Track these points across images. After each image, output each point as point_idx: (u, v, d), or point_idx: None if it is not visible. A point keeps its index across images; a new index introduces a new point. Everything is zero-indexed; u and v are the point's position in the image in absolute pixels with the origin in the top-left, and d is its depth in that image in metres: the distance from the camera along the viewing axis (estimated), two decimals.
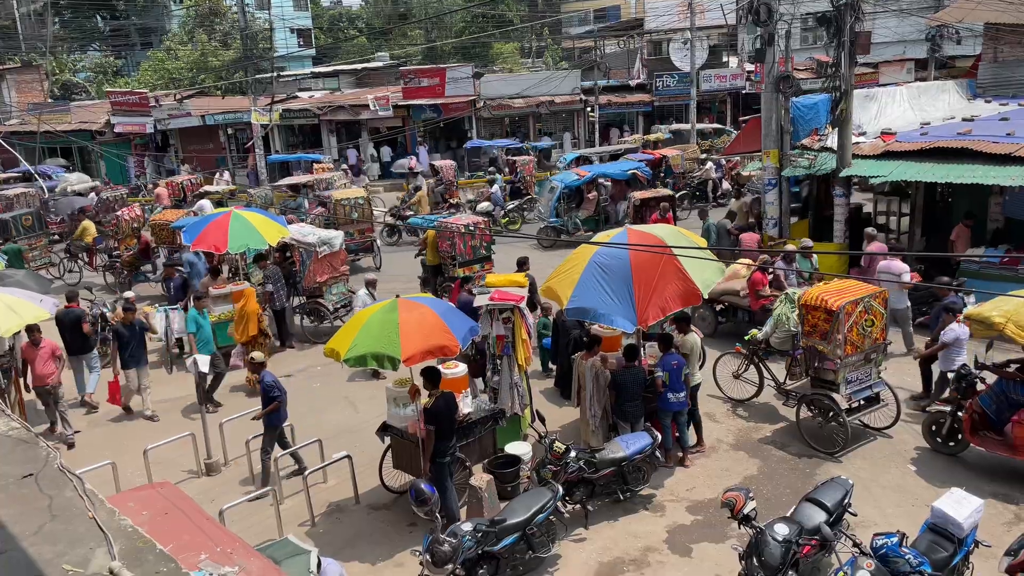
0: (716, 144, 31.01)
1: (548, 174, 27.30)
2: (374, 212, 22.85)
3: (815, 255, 13.90)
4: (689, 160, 26.00)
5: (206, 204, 21.95)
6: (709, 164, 25.54)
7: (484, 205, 23.76)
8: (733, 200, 17.95)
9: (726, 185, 24.56)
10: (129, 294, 14.28)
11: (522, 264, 13.17)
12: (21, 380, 11.91)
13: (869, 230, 14.60)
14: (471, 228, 15.41)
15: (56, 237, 23.10)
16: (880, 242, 14.72)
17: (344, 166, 32.10)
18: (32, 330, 11.18)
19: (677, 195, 21.29)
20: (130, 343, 12.07)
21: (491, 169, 30.09)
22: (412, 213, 22.82)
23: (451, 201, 24.84)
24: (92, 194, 25.64)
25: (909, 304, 12.31)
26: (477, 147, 32.79)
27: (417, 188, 24.28)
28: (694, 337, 10.07)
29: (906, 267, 12.66)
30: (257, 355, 10.49)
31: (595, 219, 21.90)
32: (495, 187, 24.57)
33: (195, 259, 15.59)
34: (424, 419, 8.29)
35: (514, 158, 27.35)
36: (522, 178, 25.92)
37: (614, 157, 27.35)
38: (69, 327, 12.47)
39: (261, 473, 9.65)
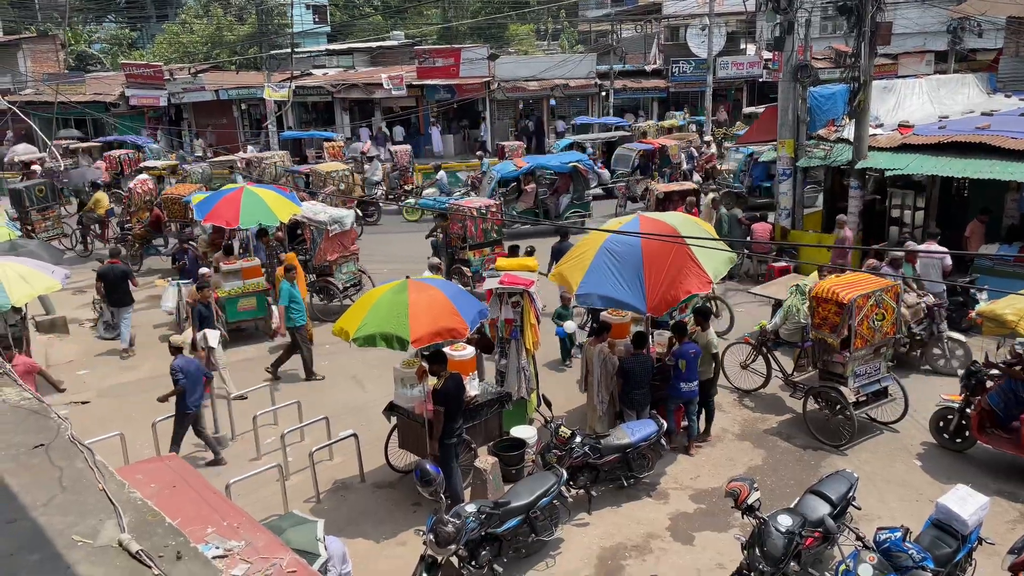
0: (731, 132, 30.70)
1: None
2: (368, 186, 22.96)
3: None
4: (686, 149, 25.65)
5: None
6: (681, 155, 24.88)
7: (429, 191, 23.29)
8: (705, 195, 17.53)
9: (696, 178, 23.67)
10: (204, 270, 13.92)
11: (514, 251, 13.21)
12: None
13: (840, 216, 14.82)
14: (483, 211, 15.40)
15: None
16: (851, 228, 14.75)
17: (368, 141, 31.92)
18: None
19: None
20: (208, 322, 11.94)
21: (479, 153, 30.00)
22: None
23: (405, 188, 24.77)
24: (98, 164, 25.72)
25: (944, 288, 12.27)
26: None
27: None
28: (712, 332, 10.02)
29: (945, 250, 12.64)
30: (175, 339, 10.20)
31: (534, 212, 20.97)
32: (440, 173, 24.16)
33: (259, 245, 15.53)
34: (433, 400, 8.32)
35: (503, 143, 27.07)
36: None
37: (609, 144, 27.12)
38: (113, 281, 13.63)
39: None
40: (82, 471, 3.01)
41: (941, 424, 9.65)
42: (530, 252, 13.27)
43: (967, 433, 9.34)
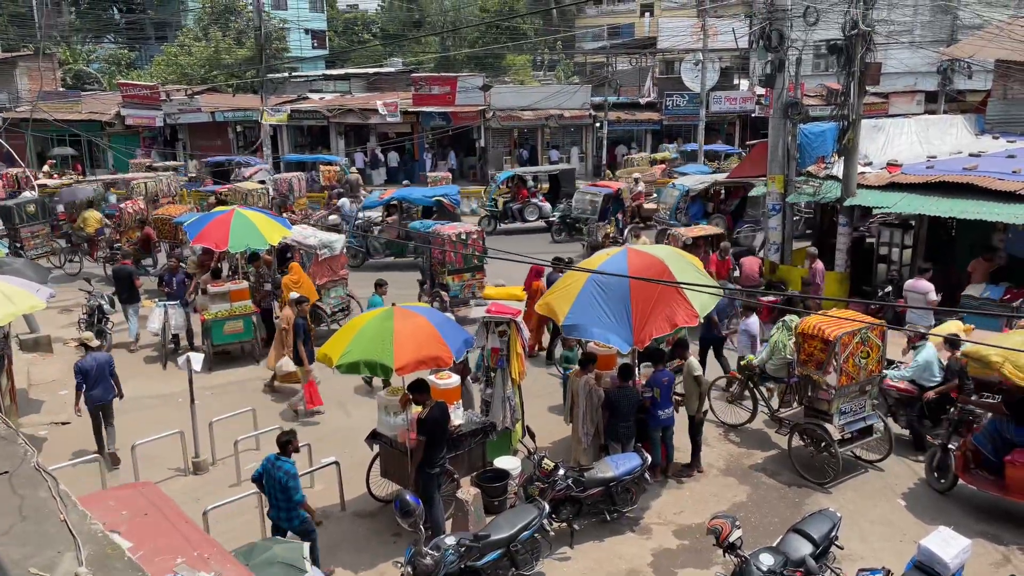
0: (724, 167, 30.89)
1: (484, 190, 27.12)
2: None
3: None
4: (648, 184, 25.25)
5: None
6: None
7: (333, 218, 23.14)
8: (632, 238, 17.05)
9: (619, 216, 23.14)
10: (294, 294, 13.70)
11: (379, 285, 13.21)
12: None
13: (811, 249, 15.18)
14: (463, 237, 15.42)
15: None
16: (820, 261, 14.89)
17: (352, 169, 32.08)
18: None
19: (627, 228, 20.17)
20: (306, 334, 12.00)
21: (405, 181, 30.23)
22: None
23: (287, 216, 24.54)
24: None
25: (933, 323, 12.34)
26: None
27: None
28: (694, 362, 10.03)
29: (931, 286, 12.82)
30: (86, 336, 11.05)
31: (398, 244, 20.23)
32: (343, 200, 24.23)
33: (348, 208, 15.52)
34: (417, 428, 8.24)
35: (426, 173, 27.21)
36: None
37: (553, 178, 26.88)
38: (123, 280, 15.04)
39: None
40: (44, 500, 2.95)
41: (934, 463, 9.62)
42: (379, 284, 13.24)
43: (948, 472, 9.32)
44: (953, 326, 10.99)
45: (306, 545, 6.13)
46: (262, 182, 25.85)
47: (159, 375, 13.70)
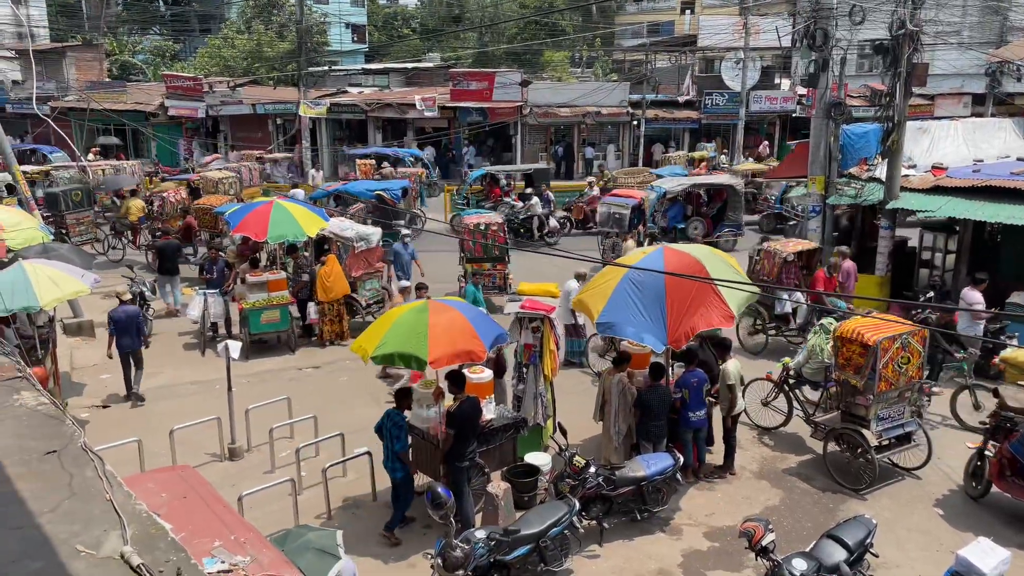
0: (768, 163, 30.35)
1: (452, 190, 26.79)
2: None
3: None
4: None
5: None
6: (535, 199, 23.34)
7: (131, 201, 22.15)
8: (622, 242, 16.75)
9: (553, 222, 22.79)
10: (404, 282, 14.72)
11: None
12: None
13: (841, 248, 15.05)
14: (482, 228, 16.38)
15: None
16: (851, 261, 14.63)
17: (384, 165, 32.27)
18: None
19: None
20: None
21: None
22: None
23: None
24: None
25: (981, 333, 12.10)
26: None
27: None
28: (729, 368, 9.90)
29: (980, 296, 12.41)
30: (120, 290, 12.92)
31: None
32: (295, 191, 24.34)
33: (401, 249, 15.83)
34: (446, 422, 8.29)
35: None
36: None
37: (528, 176, 25.98)
38: (168, 254, 16.53)
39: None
40: (91, 480, 3.02)
41: (971, 468, 9.46)
42: (474, 273, 13.72)
43: (983, 479, 9.16)
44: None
45: (339, 532, 6.20)
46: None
47: (198, 362, 13.93)
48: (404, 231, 16.48)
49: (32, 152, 30.98)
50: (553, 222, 22.98)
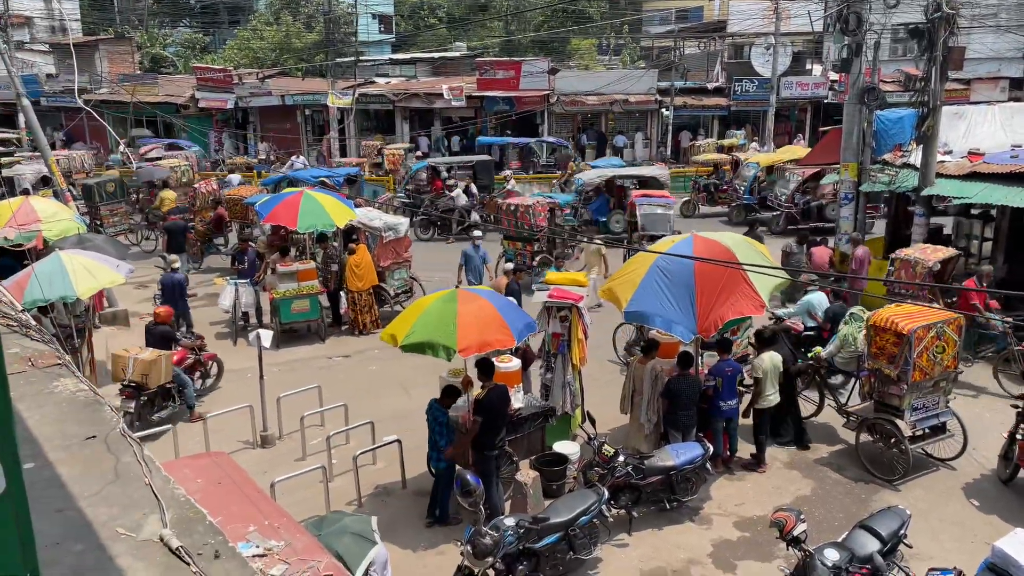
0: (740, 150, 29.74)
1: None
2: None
3: None
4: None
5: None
6: (457, 191, 23.19)
7: (164, 192, 22.15)
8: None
9: (475, 216, 22.29)
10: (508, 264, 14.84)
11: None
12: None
13: (855, 235, 14.91)
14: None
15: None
16: (864, 247, 14.57)
17: (417, 152, 32.45)
18: None
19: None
20: (517, 298, 12.35)
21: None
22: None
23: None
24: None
25: None
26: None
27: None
28: (760, 361, 9.78)
29: None
30: (172, 258, 14.99)
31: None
32: (232, 176, 24.65)
33: (473, 252, 15.44)
34: (473, 410, 8.33)
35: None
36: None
37: (472, 169, 25.37)
38: (177, 233, 18.24)
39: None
40: (130, 464, 3.08)
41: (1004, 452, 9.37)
42: (557, 257, 13.73)
43: (1012, 462, 9.08)
44: None
45: (374, 518, 6.28)
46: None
47: (230, 351, 14.09)
48: (476, 232, 16.07)
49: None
50: (475, 216, 22.41)
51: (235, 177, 24.86)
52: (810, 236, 16.74)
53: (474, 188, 23.70)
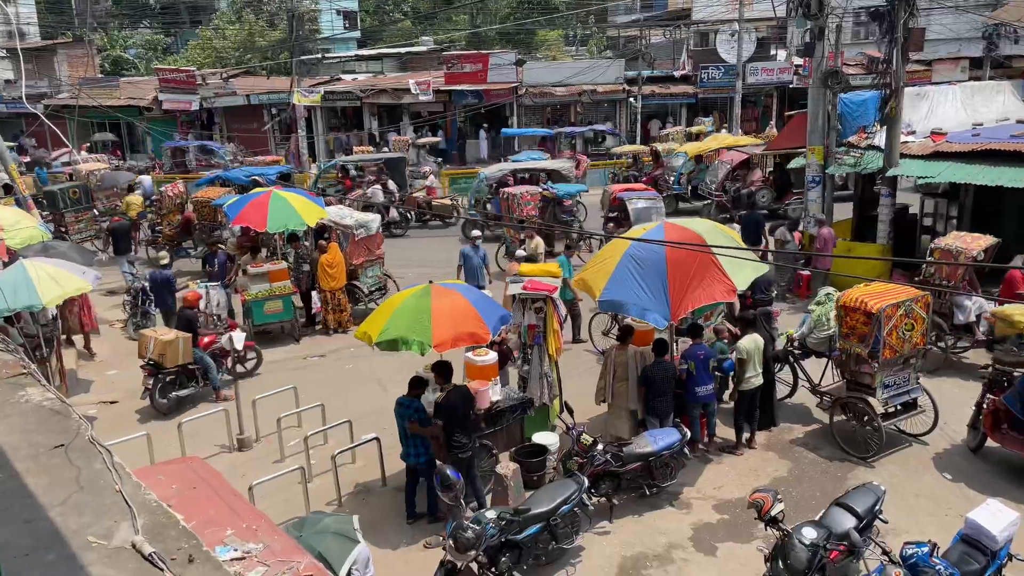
0: (765, 138, 30.22)
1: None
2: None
3: None
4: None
5: None
6: (374, 188, 23.02)
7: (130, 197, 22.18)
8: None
9: (394, 213, 22.28)
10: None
11: None
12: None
13: (819, 216, 15.14)
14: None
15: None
16: (828, 228, 14.87)
17: (385, 149, 32.26)
18: None
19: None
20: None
21: (439, 160, 30.04)
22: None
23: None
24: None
25: None
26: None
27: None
28: (742, 344, 9.85)
29: None
30: (161, 255, 15.14)
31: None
32: (143, 177, 24.26)
33: (471, 252, 14.75)
34: (434, 413, 8.30)
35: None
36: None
37: (384, 165, 24.83)
38: (122, 234, 17.77)
39: None
40: (100, 472, 3.04)
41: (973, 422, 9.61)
42: (567, 247, 13.83)
43: (979, 432, 9.36)
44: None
45: (356, 517, 6.26)
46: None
47: None
48: (474, 232, 15.43)
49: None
50: (394, 213, 22.39)
51: (146, 179, 24.32)
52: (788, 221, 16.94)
53: (392, 185, 23.73)
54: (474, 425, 8.71)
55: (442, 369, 8.56)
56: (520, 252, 14.39)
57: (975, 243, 11.80)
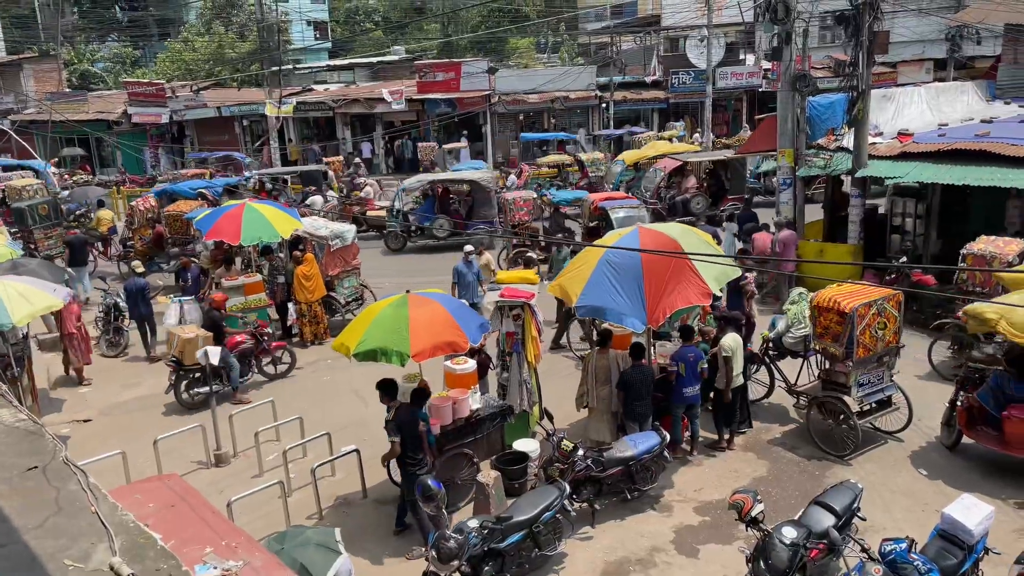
0: (733, 144, 30.56)
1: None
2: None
3: None
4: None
5: None
6: (314, 197, 23.34)
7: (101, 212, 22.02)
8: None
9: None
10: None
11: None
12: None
13: (779, 218, 15.39)
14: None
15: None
16: (789, 230, 15.12)
17: (357, 159, 32.20)
18: None
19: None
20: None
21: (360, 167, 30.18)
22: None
23: None
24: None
25: None
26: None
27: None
28: (727, 341, 9.95)
29: None
30: (135, 264, 15.27)
31: None
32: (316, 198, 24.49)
33: (465, 269, 14.21)
34: (387, 431, 8.20)
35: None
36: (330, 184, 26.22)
37: (309, 179, 25.21)
38: (77, 247, 17.85)
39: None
40: (75, 493, 2.99)
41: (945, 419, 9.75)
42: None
43: (954, 429, 9.49)
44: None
45: (337, 530, 6.23)
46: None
47: None
48: (467, 248, 14.50)
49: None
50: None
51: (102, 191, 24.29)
52: (758, 223, 17.07)
53: (332, 194, 24.12)
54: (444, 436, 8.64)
55: (386, 387, 8.47)
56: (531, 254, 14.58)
57: (1008, 247, 11.67)
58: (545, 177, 27.22)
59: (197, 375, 11.89)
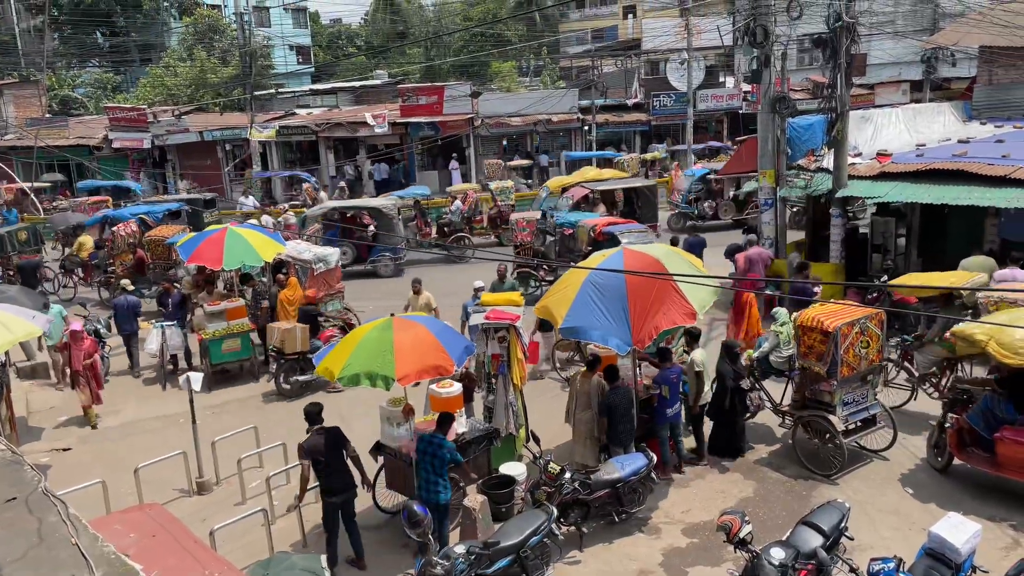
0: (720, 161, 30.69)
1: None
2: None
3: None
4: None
5: None
6: (266, 217, 24.09)
7: (82, 238, 21.82)
8: None
9: None
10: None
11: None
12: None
13: (751, 236, 15.56)
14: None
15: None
16: (759, 246, 15.19)
17: (341, 183, 32.20)
18: None
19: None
20: None
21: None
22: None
23: None
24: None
25: None
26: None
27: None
28: (697, 356, 10.04)
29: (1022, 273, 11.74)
30: (124, 282, 15.42)
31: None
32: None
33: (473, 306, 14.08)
34: (299, 454, 8.15)
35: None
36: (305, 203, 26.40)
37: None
38: (29, 272, 18.07)
39: None
40: (56, 524, 2.93)
41: (933, 441, 9.71)
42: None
43: (945, 451, 9.45)
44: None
45: (323, 556, 6.16)
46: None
47: (159, 397, 13.65)
48: (477, 283, 13.57)
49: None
50: None
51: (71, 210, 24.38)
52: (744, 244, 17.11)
53: (270, 220, 24.16)
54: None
55: (307, 414, 8.45)
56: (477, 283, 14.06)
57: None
58: (487, 201, 26.69)
59: (293, 364, 12.93)
